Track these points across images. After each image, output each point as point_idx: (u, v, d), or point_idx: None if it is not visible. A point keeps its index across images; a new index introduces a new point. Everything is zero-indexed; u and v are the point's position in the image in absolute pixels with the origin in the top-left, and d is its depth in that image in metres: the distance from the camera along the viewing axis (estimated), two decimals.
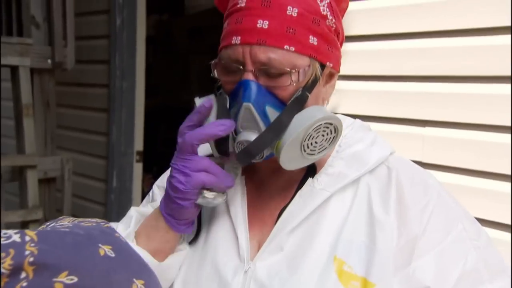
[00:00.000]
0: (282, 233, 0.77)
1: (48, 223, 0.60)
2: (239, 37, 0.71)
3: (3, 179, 2.50)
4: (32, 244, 0.47)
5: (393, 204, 0.76)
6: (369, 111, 1.73)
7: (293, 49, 0.70)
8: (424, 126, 1.57)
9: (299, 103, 0.73)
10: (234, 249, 0.80)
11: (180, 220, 0.77)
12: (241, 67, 0.72)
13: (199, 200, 0.74)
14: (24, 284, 0.45)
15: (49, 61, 2.58)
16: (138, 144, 2.85)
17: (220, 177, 0.75)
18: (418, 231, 0.73)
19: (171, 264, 0.81)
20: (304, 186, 0.78)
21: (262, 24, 0.70)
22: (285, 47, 0.70)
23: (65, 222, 0.58)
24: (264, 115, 0.73)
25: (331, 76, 0.78)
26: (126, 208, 0.92)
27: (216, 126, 0.73)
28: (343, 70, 0.95)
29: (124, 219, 0.86)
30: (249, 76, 0.71)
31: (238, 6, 0.72)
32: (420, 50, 1.56)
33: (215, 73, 0.76)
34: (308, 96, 0.73)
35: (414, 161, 1.34)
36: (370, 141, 0.82)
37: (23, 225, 2.51)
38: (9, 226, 2.46)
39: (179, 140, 0.75)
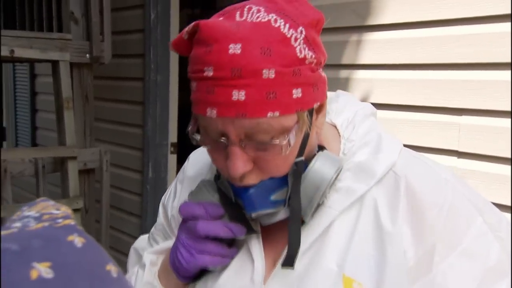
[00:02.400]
0: (306, 243, 0.75)
1: (22, 209, 0.51)
2: (215, 111, 0.63)
3: (46, 170, 2.61)
4: None
5: (402, 213, 0.72)
6: (403, 100, 1.70)
7: (278, 113, 0.63)
8: (460, 114, 1.54)
9: (299, 170, 0.70)
10: (248, 272, 0.79)
11: (184, 277, 0.80)
12: (223, 138, 0.65)
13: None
14: None
15: (87, 55, 2.66)
16: (172, 135, 2.90)
17: (225, 256, 0.76)
18: (436, 236, 0.70)
19: None
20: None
21: (238, 95, 0.62)
22: (269, 115, 0.63)
23: (31, 212, 0.49)
24: (274, 204, 0.72)
25: (320, 108, 0.72)
26: (161, 198, 0.95)
27: (228, 231, 0.74)
28: (375, 59, 0.92)
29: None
30: (239, 155, 0.65)
31: (204, 74, 0.62)
32: (455, 37, 1.53)
33: (194, 135, 0.70)
34: (304, 152, 0.70)
35: (450, 151, 1.33)
36: (375, 145, 0.77)
37: None
38: None
39: (191, 223, 0.74)
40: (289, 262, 0.72)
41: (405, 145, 0.83)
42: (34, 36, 2.67)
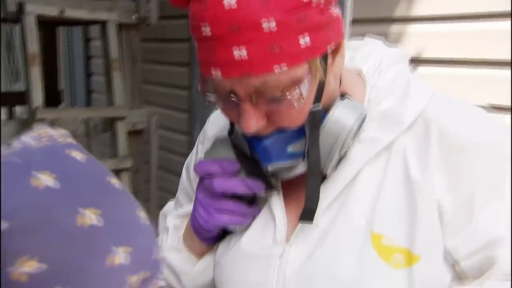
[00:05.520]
0: (318, 211, 0.72)
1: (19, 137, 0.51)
2: (219, 72, 0.61)
3: (96, 130, 2.74)
4: None
5: (434, 161, 0.68)
6: (455, 53, 1.69)
7: (285, 66, 0.60)
8: None
9: (316, 120, 0.67)
10: (270, 230, 0.78)
11: (206, 239, 0.80)
12: (233, 96, 0.63)
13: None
14: None
15: (134, 16, 2.74)
16: None
17: (246, 215, 0.76)
18: (475, 179, 0.66)
19: (207, 266, 0.85)
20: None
21: (240, 53, 0.59)
22: (276, 70, 0.60)
23: (29, 136, 0.49)
24: (292, 156, 0.70)
25: (337, 49, 0.67)
26: None
27: (245, 187, 0.73)
28: (429, 11, 0.88)
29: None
30: (250, 111, 0.64)
31: (203, 34, 0.60)
32: None
33: (205, 94, 0.68)
34: (320, 99, 0.66)
35: (500, 108, 1.27)
36: (402, 90, 0.72)
37: (115, 173, 2.73)
38: None
39: (207, 181, 0.74)
40: (307, 216, 0.70)
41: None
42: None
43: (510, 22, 1.49)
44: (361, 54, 0.77)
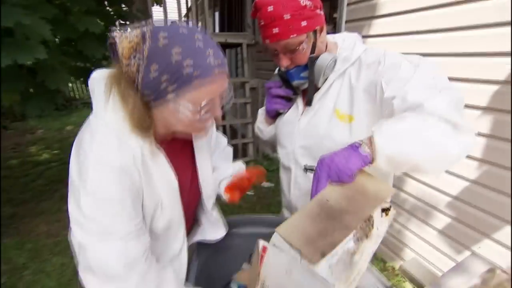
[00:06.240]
0: (313, 101, 1.23)
1: None
2: (267, 40, 1.11)
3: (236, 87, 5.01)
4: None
5: (363, 76, 1.13)
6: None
7: (295, 35, 1.07)
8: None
9: (312, 60, 1.13)
10: (296, 111, 1.35)
11: (271, 117, 1.38)
12: (276, 51, 1.11)
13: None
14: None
15: (253, 40, 5.21)
16: None
17: (286, 105, 1.30)
18: (383, 77, 1.07)
19: (272, 128, 1.44)
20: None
21: (275, 30, 1.09)
22: (291, 36, 1.07)
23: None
24: (302, 78, 1.18)
25: (321, 29, 1.15)
26: None
27: (284, 92, 1.26)
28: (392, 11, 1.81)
29: None
30: (282, 57, 1.13)
31: (261, 24, 1.11)
32: None
33: (265, 52, 1.14)
34: (314, 52, 1.12)
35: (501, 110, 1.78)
36: (352, 49, 1.20)
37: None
38: None
39: (269, 90, 1.29)
40: (309, 103, 1.21)
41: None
42: (233, 34, 5.07)
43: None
44: (340, 36, 1.29)
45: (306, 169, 1.26)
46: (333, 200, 0.93)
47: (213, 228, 1.37)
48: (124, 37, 0.88)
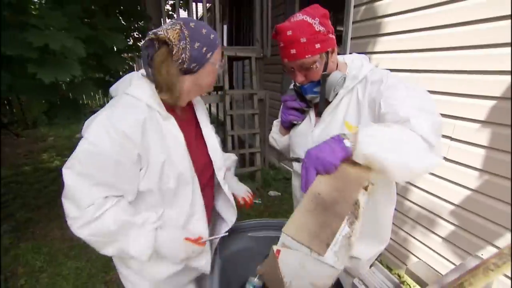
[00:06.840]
0: (324, 113, 1.34)
1: None
2: (286, 59, 1.24)
3: (244, 99, 5.60)
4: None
5: (368, 92, 1.23)
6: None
7: (310, 55, 1.19)
8: None
9: (325, 75, 1.24)
10: (309, 123, 1.43)
11: (285, 128, 1.49)
12: (292, 69, 1.24)
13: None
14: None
15: (261, 54, 5.45)
16: None
17: (300, 116, 1.41)
18: (382, 95, 1.19)
19: (286, 138, 1.57)
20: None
21: (293, 50, 1.22)
22: (306, 56, 1.20)
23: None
24: (315, 93, 1.30)
25: (333, 51, 1.27)
26: None
27: (298, 104, 1.37)
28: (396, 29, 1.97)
29: None
30: (298, 74, 1.25)
31: (281, 45, 1.23)
32: None
33: (284, 69, 1.26)
34: (326, 70, 1.22)
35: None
36: (359, 68, 1.30)
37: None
38: None
39: (285, 102, 1.41)
40: (319, 114, 1.32)
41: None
42: (242, 48, 5.17)
43: None
44: (350, 57, 1.41)
45: (292, 160, 1.40)
46: (324, 193, 1.01)
47: (227, 208, 1.57)
48: (167, 30, 1.18)
